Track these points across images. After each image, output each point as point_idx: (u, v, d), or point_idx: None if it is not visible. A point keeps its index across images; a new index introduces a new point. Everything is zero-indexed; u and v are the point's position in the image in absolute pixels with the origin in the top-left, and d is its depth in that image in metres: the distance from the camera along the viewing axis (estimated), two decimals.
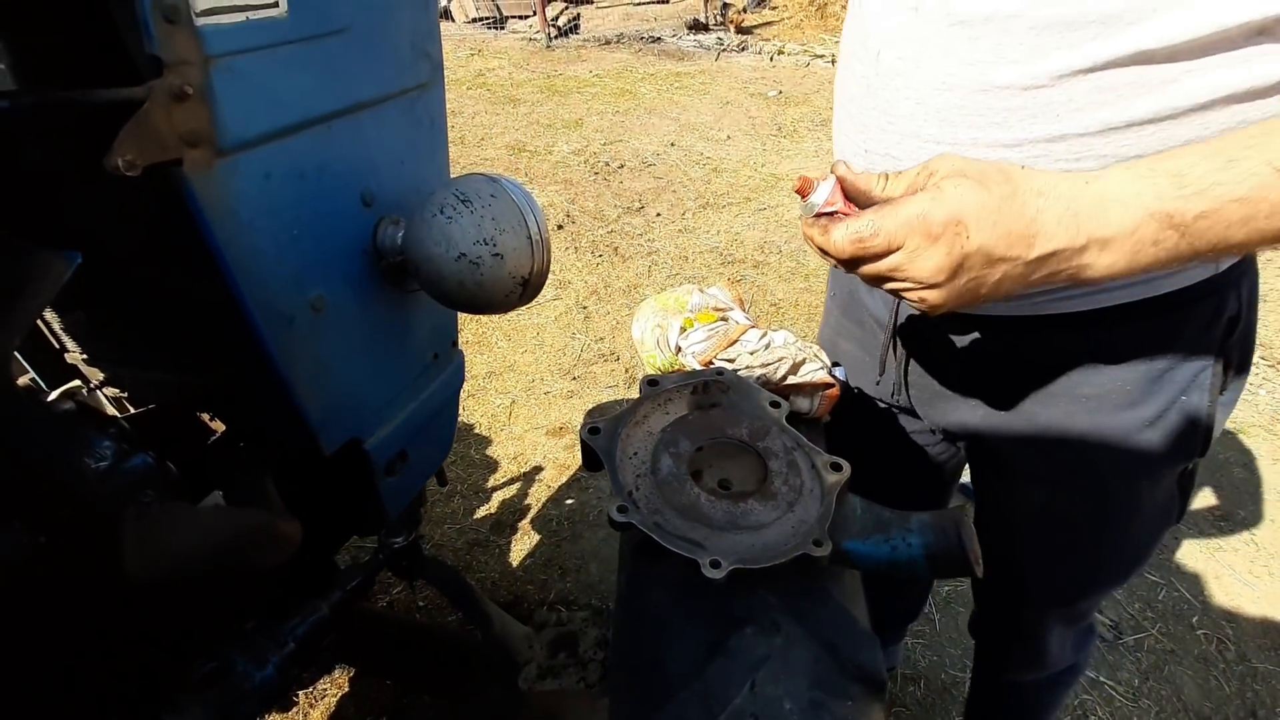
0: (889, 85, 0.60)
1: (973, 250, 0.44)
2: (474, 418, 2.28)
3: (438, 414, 1.03)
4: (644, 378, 0.62)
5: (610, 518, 0.51)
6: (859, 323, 0.87)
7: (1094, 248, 0.43)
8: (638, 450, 0.56)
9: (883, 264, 0.46)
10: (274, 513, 0.69)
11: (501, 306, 0.80)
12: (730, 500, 0.55)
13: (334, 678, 1.53)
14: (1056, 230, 0.43)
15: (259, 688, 0.64)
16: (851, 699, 0.50)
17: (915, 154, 0.59)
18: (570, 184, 3.67)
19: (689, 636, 0.51)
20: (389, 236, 0.80)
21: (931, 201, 0.44)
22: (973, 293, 0.46)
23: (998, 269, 0.44)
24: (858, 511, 0.55)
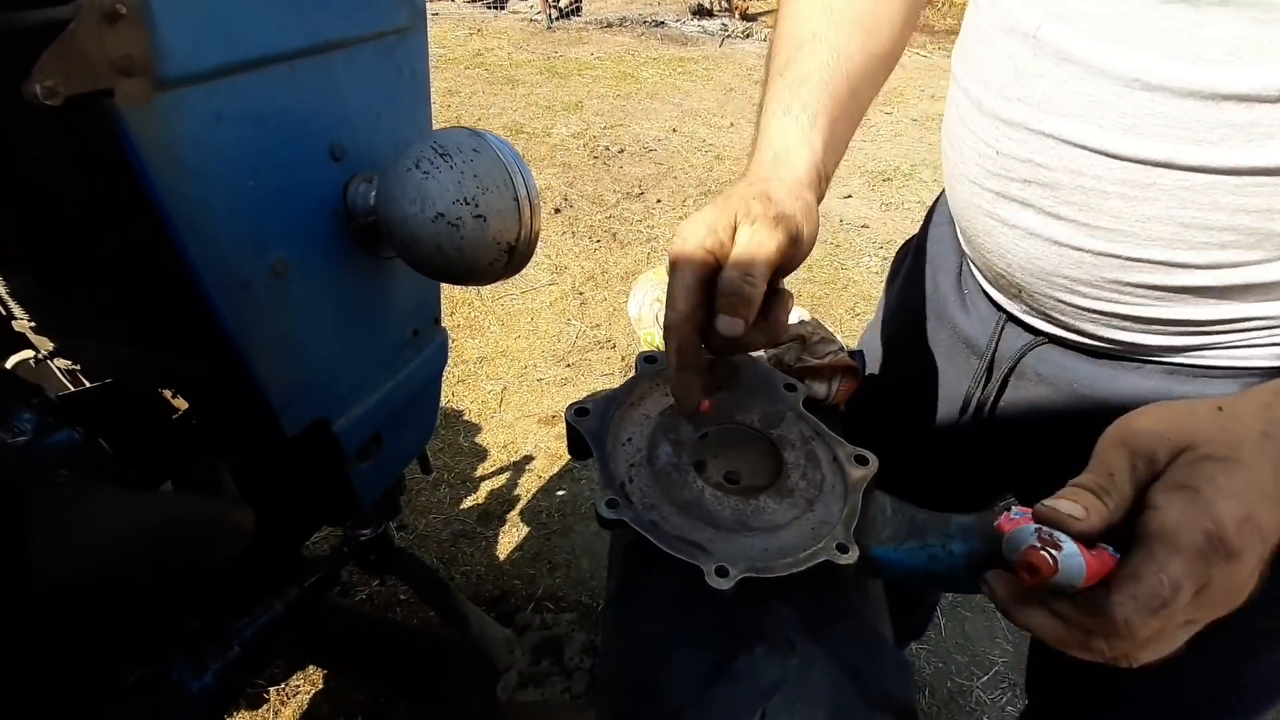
0: (1049, 73, 0.48)
1: (1273, 543, 0.34)
2: (463, 404, 2.20)
3: (417, 396, 0.95)
4: (640, 354, 0.55)
5: (598, 514, 0.43)
6: (935, 343, 0.73)
7: None
8: (632, 436, 0.49)
9: (1173, 610, 0.33)
10: (223, 500, 0.61)
11: (485, 276, 0.72)
12: (739, 496, 0.47)
13: (307, 674, 1.46)
14: None
15: (196, 698, 0.56)
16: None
17: (1072, 166, 0.48)
18: (569, 167, 3.58)
19: (689, 656, 0.44)
20: (361, 195, 0.72)
21: (1209, 512, 0.32)
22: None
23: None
24: (888, 512, 0.48)
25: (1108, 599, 0.32)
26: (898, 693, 0.44)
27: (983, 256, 0.61)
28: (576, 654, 0.78)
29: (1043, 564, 0.33)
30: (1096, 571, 0.33)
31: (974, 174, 0.57)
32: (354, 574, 1.67)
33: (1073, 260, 0.52)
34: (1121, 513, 0.35)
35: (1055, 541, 0.33)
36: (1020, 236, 0.54)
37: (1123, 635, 0.32)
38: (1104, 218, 0.49)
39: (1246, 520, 0.32)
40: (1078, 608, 0.34)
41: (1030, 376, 0.63)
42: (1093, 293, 0.53)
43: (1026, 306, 0.60)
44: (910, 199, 3.45)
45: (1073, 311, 0.56)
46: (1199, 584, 0.32)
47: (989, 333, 0.65)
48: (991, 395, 0.66)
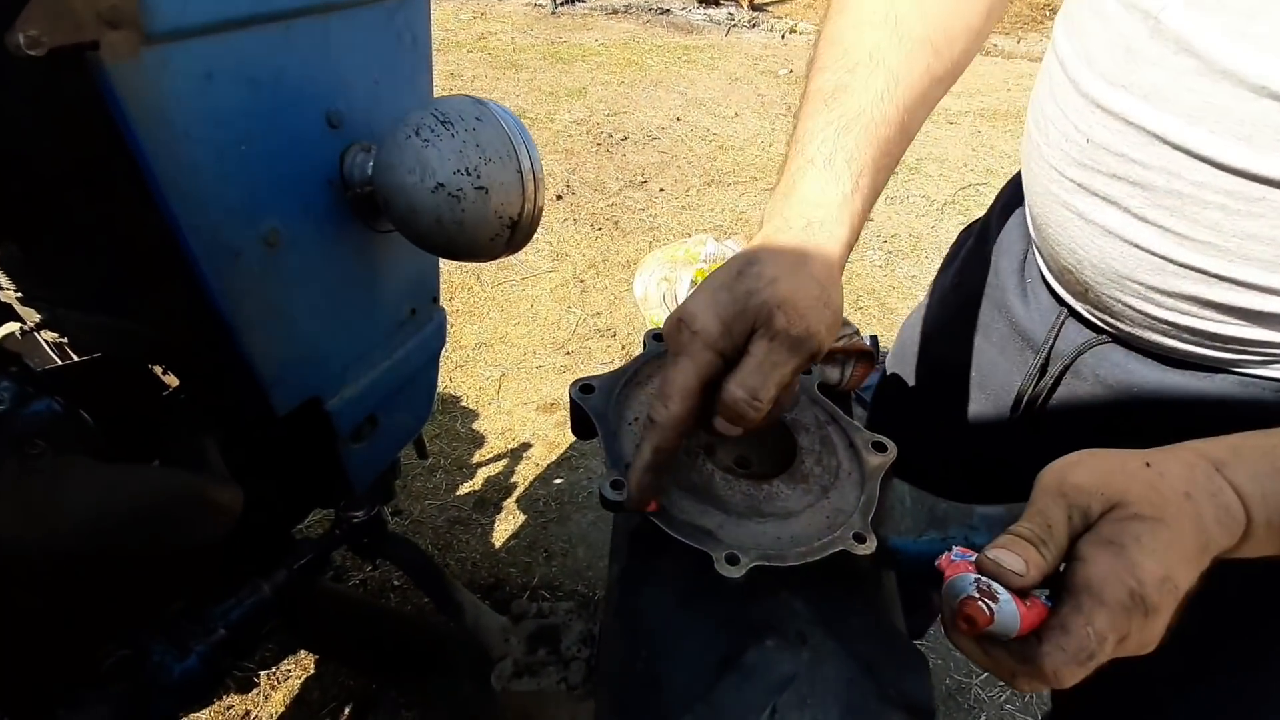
0: (1165, 62, 0.43)
1: (1184, 594, 0.36)
2: (461, 390, 2.17)
3: (414, 377, 0.93)
4: (649, 332, 0.52)
5: (602, 495, 0.41)
6: (988, 335, 0.69)
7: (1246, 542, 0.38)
8: (639, 415, 0.46)
9: (1098, 660, 0.35)
10: (209, 477, 0.58)
11: (486, 252, 0.70)
12: (751, 481, 0.45)
13: (299, 659, 1.44)
14: (1218, 533, 0.37)
15: (178, 682, 0.54)
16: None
17: (1171, 168, 0.44)
18: (571, 154, 3.54)
19: (696, 648, 0.42)
20: (358, 165, 0.70)
21: (1134, 570, 0.34)
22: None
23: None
24: (907, 502, 0.46)
25: (1038, 649, 0.34)
26: (914, 691, 0.41)
27: (1051, 248, 0.57)
28: (574, 644, 0.76)
29: (980, 616, 0.34)
30: (1030, 622, 0.34)
31: (1056, 159, 0.52)
32: (348, 559, 1.65)
33: (1152, 267, 0.48)
34: (1057, 563, 0.36)
35: (993, 593, 0.34)
36: (1097, 233, 0.50)
37: (1051, 683, 0.34)
38: (1198, 228, 0.45)
39: (1166, 580, 0.34)
40: (1010, 654, 0.35)
41: (1087, 376, 0.59)
42: (1168, 303, 0.49)
43: (1092, 305, 0.56)
44: (915, 193, 3.42)
45: (1141, 319, 0.52)
46: (1120, 636, 0.34)
47: (1048, 326, 0.61)
48: (1044, 392, 0.62)
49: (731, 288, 0.42)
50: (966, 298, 0.73)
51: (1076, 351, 0.58)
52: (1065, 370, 0.60)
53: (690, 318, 0.42)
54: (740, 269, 0.43)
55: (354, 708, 1.36)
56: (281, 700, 1.37)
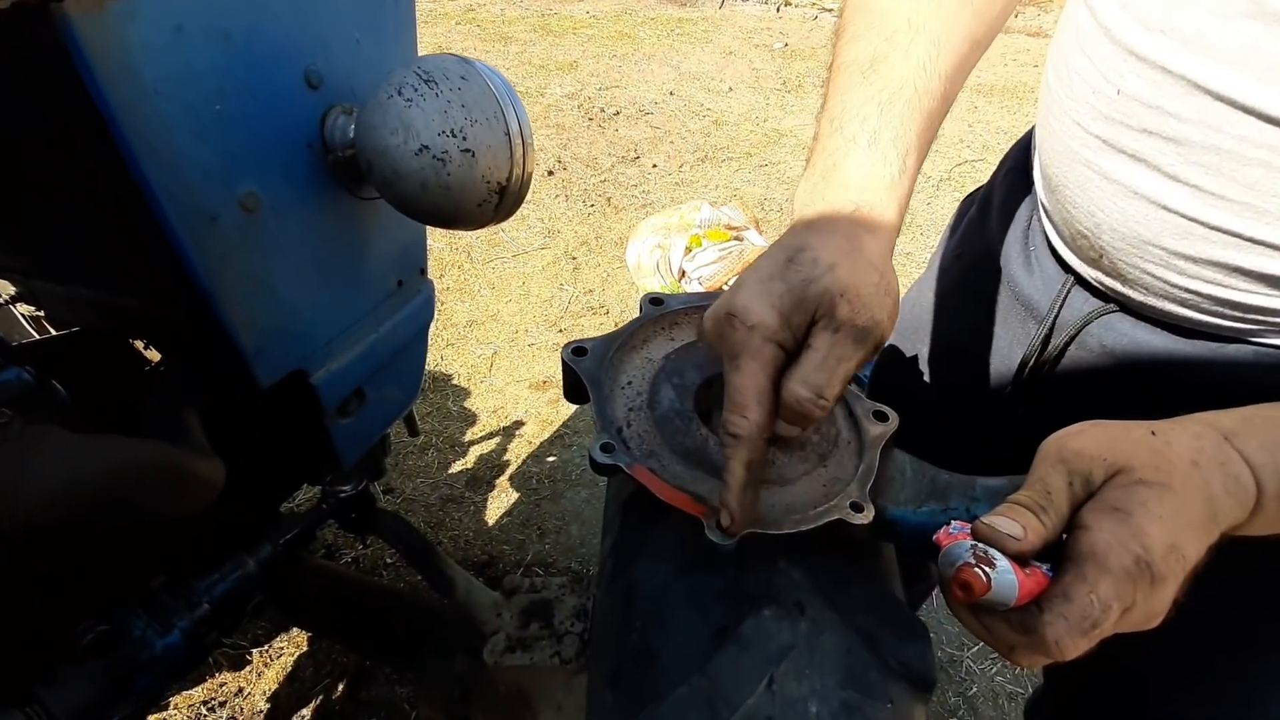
0: (1210, 3, 0.40)
1: (1191, 570, 0.34)
2: (452, 368, 2.15)
3: (402, 351, 0.91)
4: (646, 295, 0.50)
5: (592, 458, 0.39)
6: (989, 306, 0.67)
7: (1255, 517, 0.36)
8: (632, 379, 0.45)
9: (1102, 630, 0.33)
10: (189, 450, 0.56)
11: (473, 219, 0.67)
12: None
13: (291, 636, 1.43)
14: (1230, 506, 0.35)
15: (161, 657, 0.52)
16: (892, 701, 0.40)
17: (1211, 121, 0.41)
18: (562, 129, 3.48)
19: (691, 619, 0.40)
20: (339, 128, 0.67)
21: (1140, 536, 0.33)
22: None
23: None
24: (907, 472, 0.44)
25: (1039, 618, 0.32)
26: (915, 661, 0.41)
27: (1065, 211, 0.54)
28: (567, 618, 0.75)
29: (976, 582, 0.32)
30: (1030, 591, 0.33)
31: (1080, 114, 0.49)
32: (340, 537, 1.64)
33: (1179, 230, 0.45)
34: (1058, 531, 0.35)
35: (990, 559, 0.33)
36: (1120, 194, 0.47)
37: (1052, 653, 0.33)
38: (1234, 187, 0.42)
39: (1173, 548, 0.33)
40: (1009, 624, 0.34)
41: (1093, 346, 0.56)
42: (1192, 270, 0.46)
43: (1104, 273, 0.53)
44: None
45: (1159, 287, 0.49)
46: (1125, 606, 0.32)
47: (1052, 296, 0.59)
48: (1047, 363, 0.60)
49: (784, 276, 0.39)
50: (967, 267, 0.71)
51: (1083, 321, 0.56)
52: (1070, 340, 0.58)
53: (743, 311, 0.38)
54: (790, 256, 0.40)
55: (347, 683, 1.36)
56: (274, 677, 1.37)
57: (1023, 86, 4.35)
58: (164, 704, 1.30)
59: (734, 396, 0.38)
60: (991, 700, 1.41)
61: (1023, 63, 4.77)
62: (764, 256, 0.40)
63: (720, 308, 0.40)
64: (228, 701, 1.32)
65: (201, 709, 1.31)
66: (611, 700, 0.41)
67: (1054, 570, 0.34)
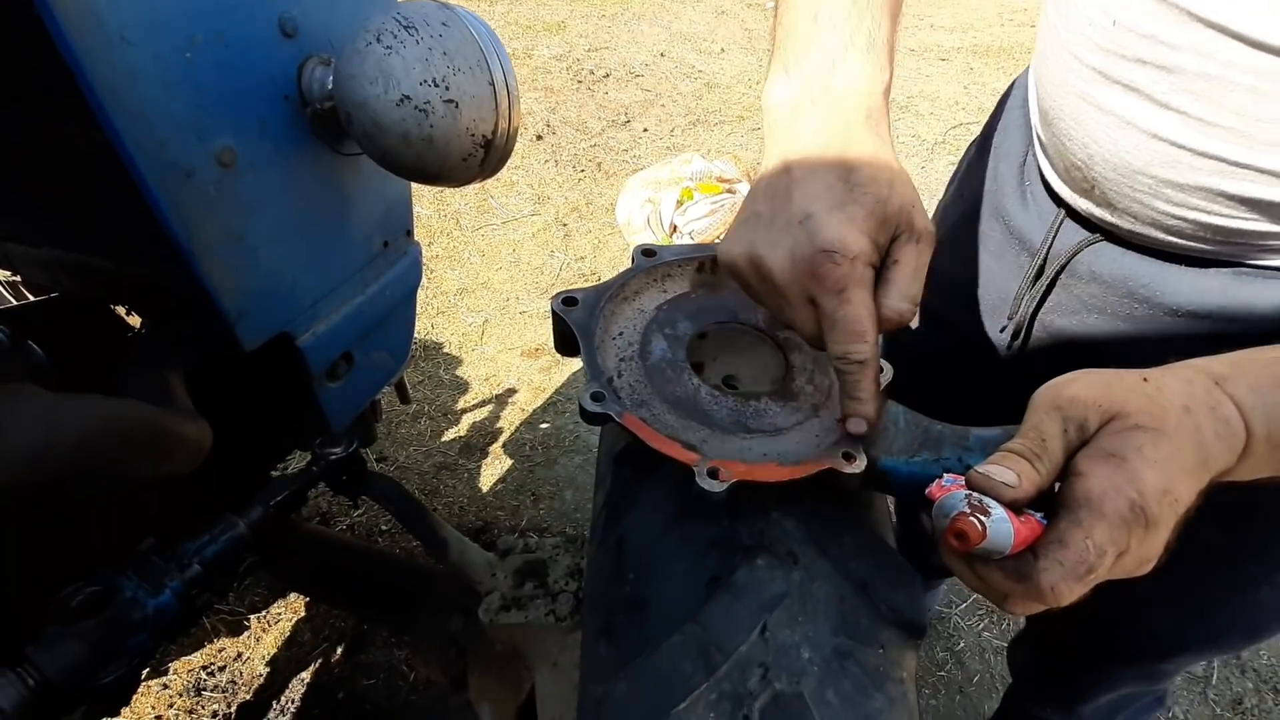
0: None
1: (1183, 511, 0.34)
2: (443, 336, 2.14)
3: (390, 314, 0.89)
4: (638, 247, 0.49)
5: (582, 406, 0.39)
6: (987, 243, 0.69)
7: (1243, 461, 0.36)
8: (624, 330, 0.44)
9: (1097, 575, 0.34)
10: (172, 411, 0.55)
11: (458, 174, 0.65)
12: (738, 397, 0.43)
13: (289, 601, 1.44)
14: (1220, 449, 0.35)
15: (153, 617, 0.52)
16: (884, 646, 0.40)
17: (1203, 48, 0.42)
18: (551, 92, 3.41)
19: (684, 569, 0.40)
20: (317, 79, 0.64)
21: (1135, 481, 0.33)
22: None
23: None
24: (900, 423, 0.44)
25: (1034, 565, 0.33)
26: (906, 607, 0.41)
27: (1060, 144, 0.55)
28: (561, 577, 0.75)
29: (971, 530, 0.32)
30: (1025, 538, 0.33)
31: (1076, 46, 0.51)
32: (335, 504, 1.64)
33: (1168, 159, 0.47)
34: (1052, 479, 0.35)
35: (985, 508, 0.33)
36: (1114, 125, 0.49)
37: (1048, 599, 0.33)
38: (1223, 113, 0.43)
39: (1167, 493, 0.33)
40: (1004, 572, 0.34)
41: (1083, 274, 0.59)
42: (1179, 198, 0.48)
43: (1095, 203, 0.55)
44: (905, 133, 3.34)
45: (1148, 216, 0.51)
46: (1120, 550, 0.32)
47: (1045, 229, 0.61)
48: (1039, 295, 0.62)
49: (858, 200, 0.39)
50: (966, 209, 0.72)
51: (1073, 250, 0.58)
52: (1061, 270, 0.60)
53: (841, 244, 0.38)
54: (844, 177, 0.40)
55: (346, 647, 1.37)
56: (273, 642, 1.38)
57: (1019, 47, 4.27)
58: (163, 669, 1.32)
59: (852, 326, 0.39)
60: (978, 654, 1.44)
61: (1020, 23, 4.68)
62: (811, 184, 0.40)
63: (812, 244, 0.39)
64: (227, 666, 1.34)
65: (201, 674, 1.32)
66: (605, 651, 0.41)
67: (1048, 518, 0.34)
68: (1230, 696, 1.38)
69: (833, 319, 0.39)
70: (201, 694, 1.29)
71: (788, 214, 0.40)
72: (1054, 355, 0.65)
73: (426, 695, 1.29)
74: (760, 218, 0.41)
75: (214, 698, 1.29)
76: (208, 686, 1.30)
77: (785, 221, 0.40)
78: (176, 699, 1.28)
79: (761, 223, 0.41)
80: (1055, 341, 0.64)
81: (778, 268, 0.39)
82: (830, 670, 0.38)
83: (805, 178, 0.40)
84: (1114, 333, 0.58)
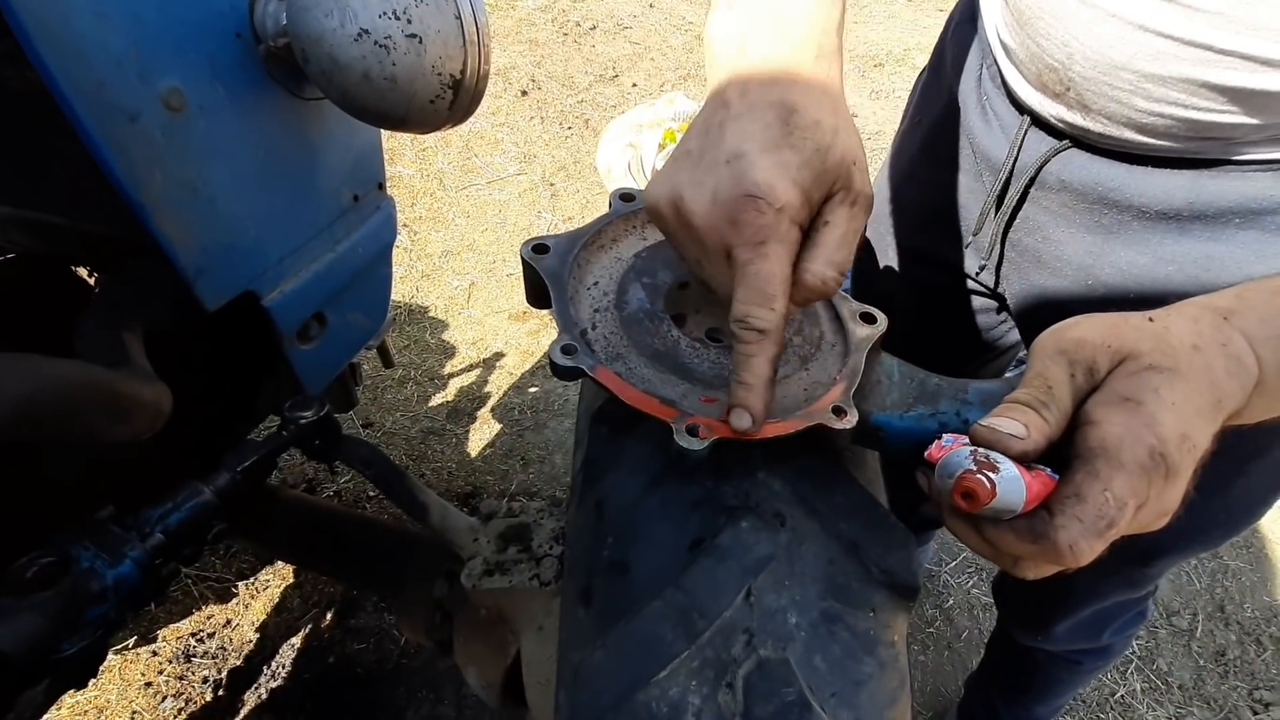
0: None
1: (1200, 456, 0.32)
2: (429, 299, 2.09)
3: (364, 272, 0.86)
4: (616, 190, 0.46)
5: (552, 360, 0.36)
6: (951, 164, 0.68)
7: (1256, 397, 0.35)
8: (599, 279, 0.41)
9: (1117, 530, 0.31)
10: (127, 373, 0.52)
11: (427, 118, 0.61)
12: (721, 349, 0.40)
13: (277, 568, 1.43)
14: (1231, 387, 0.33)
15: (114, 587, 0.50)
16: (875, 609, 0.38)
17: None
18: (536, 45, 3.29)
19: (665, 532, 0.38)
20: (270, 15, 0.60)
21: (1154, 427, 0.30)
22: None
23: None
24: (894, 376, 0.41)
25: (1050, 523, 0.30)
26: (899, 569, 0.39)
27: (1036, 45, 0.54)
28: (545, 541, 0.73)
29: (980, 489, 0.29)
30: (1037, 494, 0.30)
31: None
32: (321, 471, 1.62)
33: (1152, 51, 0.46)
34: (1061, 428, 0.32)
35: (992, 464, 0.30)
36: (1098, 19, 0.48)
37: (1066, 559, 0.30)
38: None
39: (1185, 438, 0.31)
40: (1016, 533, 0.31)
41: (1052, 184, 0.58)
42: (1160, 93, 0.48)
43: (1067, 106, 0.54)
44: (901, 86, 3.26)
45: (1125, 114, 0.50)
46: (1140, 502, 0.30)
47: (1009, 140, 0.60)
48: (1008, 211, 0.62)
49: (796, 145, 0.35)
50: (926, 134, 0.71)
51: (1041, 160, 0.57)
52: (1030, 183, 0.59)
53: (768, 190, 0.33)
54: (784, 118, 0.35)
55: (335, 612, 1.37)
56: (262, 609, 1.37)
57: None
58: (152, 637, 1.31)
59: (762, 287, 0.34)
60: (967, 611, 1.46)
61: None
62: (749, 118, 0.35)
63: (727, 188, 0.34)
64: (216, 633, 1.33)
65: (190, 640, 1.32)
66: (583, 616, 0.39)
67: (1058, 472, 0.31)
68: (1214, 648, 1.40)
69: (742, 274, 0.34)
70: (191, 660, 1.29)
71: (717, 152, 0.35)
72: (1025, 276, 0.64)
73: (418, 658, 1.30)
74: (690, 156, 0.36)
75: (204, 664, 1.28)
76: (197, 653, 1.30)
77: (713, 160, 0.35)
78: (166, 665, 1.28)
79: (690, 161, 0.36)
80: (1026, 261, 0.64)
81: (698, 210, 0.35)
82: (818, 635, 0.36)
83: (742, 114, 0.35)
84: (1083, 248, 0.58)
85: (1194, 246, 0.52)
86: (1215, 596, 1.47)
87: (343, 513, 0.90)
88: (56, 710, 1.23)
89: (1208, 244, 0.52)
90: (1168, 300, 0.36)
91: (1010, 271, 0.66)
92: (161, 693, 1.24)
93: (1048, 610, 0.84)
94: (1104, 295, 0.58)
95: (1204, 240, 0.52)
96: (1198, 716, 1.30)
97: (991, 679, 1.12)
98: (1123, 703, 1.32)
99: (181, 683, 1.25)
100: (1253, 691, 1.33)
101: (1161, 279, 0.54)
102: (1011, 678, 1.06)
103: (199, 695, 1.24)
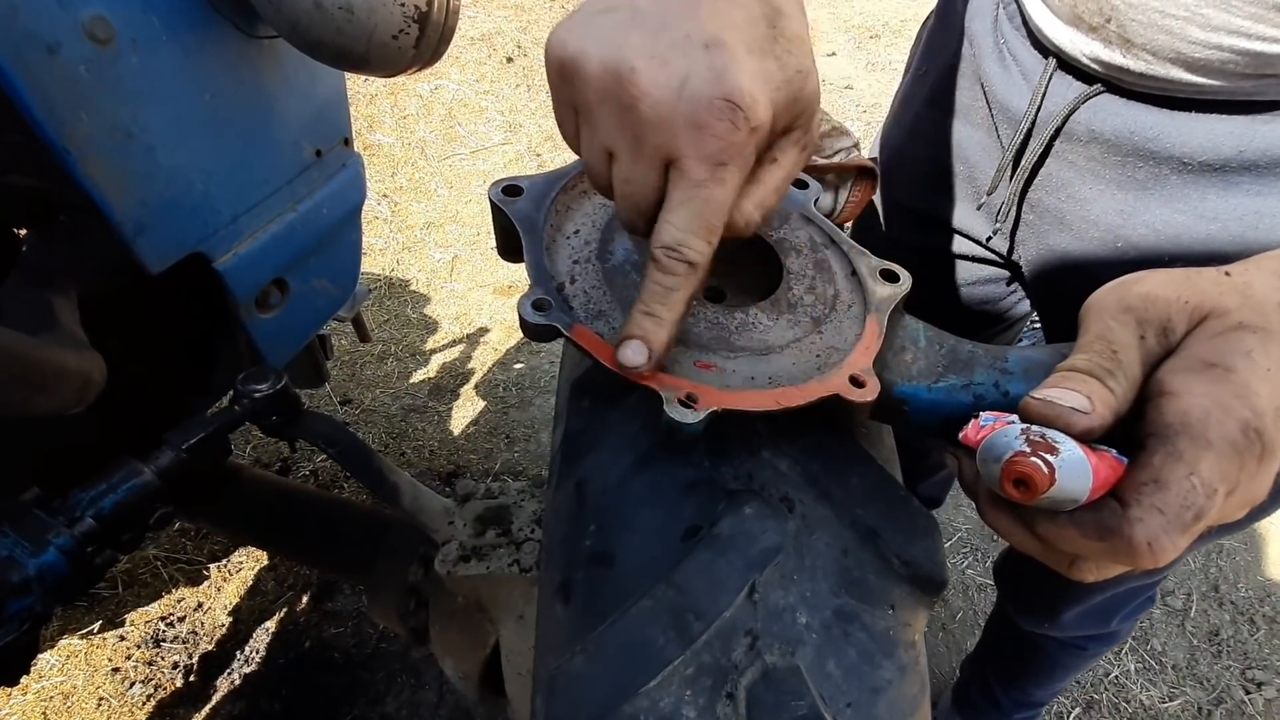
0: None
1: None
2: (410, 273, 2.02)
3: (329, 235, 0.79)
4: None
5: (522, 318, 0.30)
6: (964, 116, 0.63)
7: None
8: (580, 228, 0.36)
9: (1206, 522, 0.26)
10: (51, 340, 0.46)
11: (391, 57, 0.55)
12: (720, 308, 0.35)
13: (251, 550, 1.38)
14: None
15: (37, 578, 0.44)
16: (894, 606, 0.34)
17: None
18: (522, 9, 3.17)
19: (656, 520, 0.33)
20: None
21: (1246, 398, 0.25)
22: None
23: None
24: (921, 342, 0.36)
25: (1123, 515, 0.24)
26: (922, 560, 0.34)
27: None
28: (526, 524, 0.68)
29: (1036, 474, 0.24)
30: (1105, 480, 0.25)
31: None
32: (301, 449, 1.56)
33: None
34: (1130, 400, 0.27)
35: (1049, 444, 0.24)
36: None
37: (1143, 558, 0.24)
38: None
39: (1276, 410, 0.25)
40: (1079, 528, 0.25)
41: (1080, 135, 0.53)
42: (1219, 19, 0.42)
43: (1104, 41, 0.49)
44: (899, 58, 3.18)
45: (1173, 47, 0.45)
46: (1230, 488, 0.25)
47: (1032, 88, 0.55)
48: (1028, 168, 0.57)
49: (780, 58, 0.29)
50: (934, 86, 0.65)
51: (1069, 108, 0.52)
52: (1055, 135, 0.54)
53: (751, 104, 0.27)
54: (771, 19, 0.29)
55: (311, 596, 1.32)
56: (235, 591, 1.32)
57: None
58: (119, 621, 1.26)
59: (709, 217, 0.29)
60: (961, 591, 1.43)
61: None
62: (735, 6, 0.28)
63: (701, 82, 0.27)
64: (186, 617, 1.28)
65: (160, 624, 1.26)
66: (562, 615, 0.34)
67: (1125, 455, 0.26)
68: (1208, 628, 1.38)
69: (686, 195, 0.28)
70: (161, 645, 1.24)
71: (687, 27, 0.28)
72: (1044, 239, 0.59)
73: (398, 643, 1.25)
74: (640, 16, 0.28)
75: (174, 649, 1.23)
76: (167, 638, 1.24)
77: (683, 39, 0.27)
78: (134, 650, 1.22)
79: (643, 24, 0.28)
80: (1045, 223, 0.59)
81: (652, 96, 0.27)
82: (831, 637, 0.32)
83: (734, 8, 0.29)
84: (1113, 207, 0.53)
85: (1241, 201, 0.47)
86: (1209, 576, 1.46)
87: (309, 493, 0.84)
88: (22, 696, 1.18)
89: (1257, 198, 0.47)
90: (1209, 263, 0.31)
91: (1027, 235, 0.61)
92: (130, 679, 1.19)
93: (1058, 597, 0.80)
94: (1134, 259, 0.53)
95: (1253, 195, 0.47)
96: (1191, 696, 1.28)
97: (989, 661, 1.09)
98: (1117, 683, 1.30)
99: (150, 668, 1.20)
100: (1246, 671, 1.32)
101: (1202, 238, 0.49)
102: (1010, 661, 1.04)
103: (169, 681, 1.19)
